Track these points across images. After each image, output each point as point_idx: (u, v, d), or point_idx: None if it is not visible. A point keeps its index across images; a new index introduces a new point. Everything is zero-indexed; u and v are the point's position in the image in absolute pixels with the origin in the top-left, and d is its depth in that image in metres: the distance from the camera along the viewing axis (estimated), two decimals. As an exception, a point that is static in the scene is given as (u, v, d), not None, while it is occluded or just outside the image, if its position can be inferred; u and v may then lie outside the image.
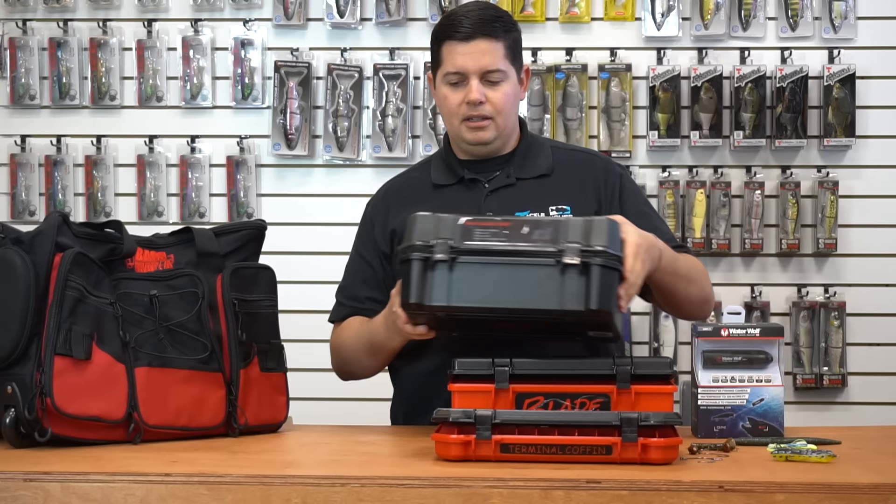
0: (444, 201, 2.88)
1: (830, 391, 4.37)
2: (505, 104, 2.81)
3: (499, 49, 2.80)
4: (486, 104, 2.80)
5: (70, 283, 2.38)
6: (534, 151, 2.92)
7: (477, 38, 2.78)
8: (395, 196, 2.95)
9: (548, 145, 2.97)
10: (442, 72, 2.83)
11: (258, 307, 2.64)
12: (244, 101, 4.45)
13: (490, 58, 2.79)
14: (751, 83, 4.33)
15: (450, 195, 2.89)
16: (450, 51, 2.80)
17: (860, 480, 2.06)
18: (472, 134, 2.83)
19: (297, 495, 2.06)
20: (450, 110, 2.83)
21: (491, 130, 2.82)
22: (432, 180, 2.92)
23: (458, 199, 2.88)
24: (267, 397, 2.44)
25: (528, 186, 2.87)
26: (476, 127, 2.82)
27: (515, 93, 2.85)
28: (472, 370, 2.45)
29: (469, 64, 2.79)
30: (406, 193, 2.94)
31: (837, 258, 4.38)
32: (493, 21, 2.80)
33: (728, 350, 2.54)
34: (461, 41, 2.79)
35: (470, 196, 2.87)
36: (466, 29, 2.78)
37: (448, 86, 2.82)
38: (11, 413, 2.33)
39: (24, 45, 4.45)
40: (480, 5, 2.88)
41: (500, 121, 2.82)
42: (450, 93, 2.82)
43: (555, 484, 2.04)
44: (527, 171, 2.88)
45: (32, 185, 4.46)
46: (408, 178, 3.00)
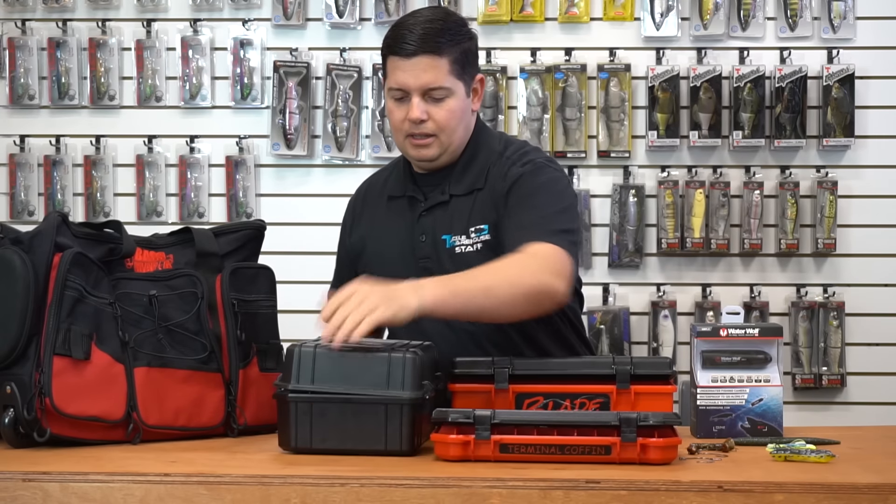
0: (392, 216, 2.81)
1: (829, 391, 4.38)
2: (449, 121, 2.70)
3: (442, 65, 2.68)
4: (429, 122, 2.69)
5: (69, 283, 2.38)
6: (474, 162, 2.78)
7: (418, 54, 2.67)
8: (362, 203, 2.90)
9: (496, 151, 2.78)
10: (387, 86, 2.74)
11: (257, 307, 2.64)
12: (243, 101, 4.45)
13: (432, 75, 2.68)
14: (750, 83, 4.33)
15: (396, 209, 2.82)
16: (393, 66, 2.71)
17: (859, 480, 2.06)
18: (416, 151, 2.74)
19: (297, 495, 2.06)
20: (394, 125, 2.74)
21: (434, 148, 2.72)
22: (388, 190, 2.85)
23: (400, 216, 2.80)
24: (266, 397, 2.44)
25: (458, 203, 2.75)
26: (419, 144, 2.72)
27: (462, 107, 2.72)
28: (471, 370, 2.45)
29: (410, 81, 2.68)
30: (369, 201, 2.89)
31: (836, 258, 4.38)
32: (436, 36, 2.68)
33: (727, 350, 2.54)
34: (403, 57, 2.68)
35: (409, 213, 2.79)
36: (409, 45, 2.67)
37: (393, 101, 2.72)
38: (10, 413, 2.33)
39: (23, 45, 4.45)
40: (429, 15, 2.76)
41: (444, 138, 2.71)
42: (394, 108, 2.72)
43: (554, 484, 2.04)
44: (462, 185, 2.76)
45: (31, 185, 4.46)
46: (375, 180, 2.94)
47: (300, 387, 2.28)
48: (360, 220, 2.88)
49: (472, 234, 2.72)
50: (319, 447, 2.27)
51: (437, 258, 2.72)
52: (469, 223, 2.72)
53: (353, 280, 2.46)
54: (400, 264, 2.72)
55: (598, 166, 4.40)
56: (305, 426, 2.27)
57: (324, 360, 2.30)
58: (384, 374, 2.28)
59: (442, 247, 2.72)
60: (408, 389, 2.28)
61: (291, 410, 2.28)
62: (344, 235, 2.93)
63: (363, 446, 2.26)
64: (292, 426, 2.28)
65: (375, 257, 2.81)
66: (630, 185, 4.37)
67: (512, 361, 2.47)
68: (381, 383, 2.28)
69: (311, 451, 2.27)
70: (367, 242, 2.84)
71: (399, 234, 2.78)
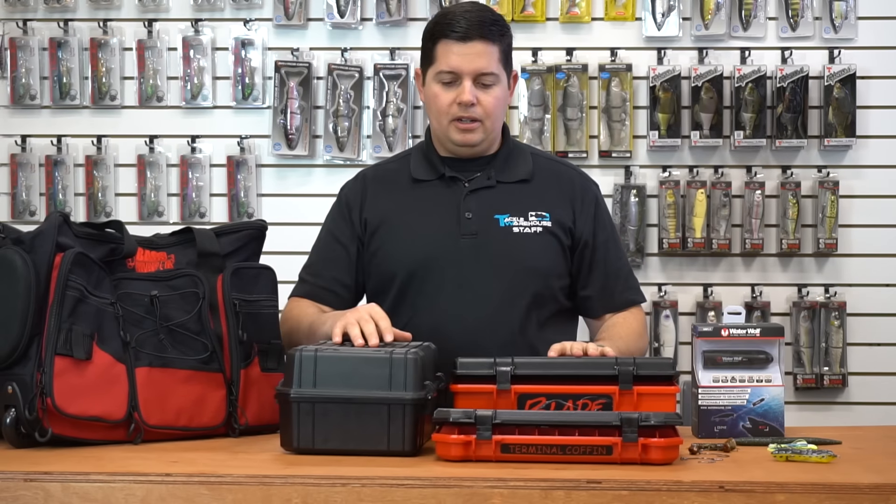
0: (423, 196, 2.89)
1: (831, 391, 4.37)
2: (495, 108, 2.83)
3: (494, 52, 2.81)
4: (477, 106, 2.80)
5: (70, 283, 2.38)
6: (515, 156, 2.94)
7: (474, 39, 2.78)
8: (373, 183, 2.96)
9: (528, 151, 2.99)
10: (434, 70, 2.82)
11: (259, 307, 2.64)
12: (244, 101, 4.45)
13: (485, 60, 2.79)
14: (751, 83, 4.33)
15: (428, 191, 2.90)
16: (445, 49, 2.80)
17: (860, 480, 2.06)
18: (461, 135, 2.83)
19: (298, 495, 2.06)
20: (439, 109, 2.84)
21: (479, 133, 2.84)
22: (412, 174, 2.92)
23: (436, 196, 2.89)
24: (267, 397, 2.44)
25: (508, 190, 2.89)
26: (465, 129, 2.82)
27: (505, 97, 2.86)
28: (473, 371, 2.45)
29: (464, 65, 2.79)
30: (384, 183, 2.96)
31: (838, 258, 4.38)
32: (490, 24, 2.81)
33: (728, 350, 2.54)
34: (458, 41, 2.79)
35: (449, 194, 2.88)
36: (464, 29, 2.78)
37: (440, 84, 2.82)
38: (12, 413, 2.33)
39: (24, 45, 4.45)
40: (478, 6, 2.88)
41: (489, 124, 2.83)
42: (441, 91, 2.82)
43: (555, 484, 2.04)
44: (508, 174, 2.90)
45: (33, 185, 4.46)
46: (385, 168, 3.01)
47: (302, 391, 2.29)
48: (376, 198, 2.94)
49: (531, 217, 2.86)
50: (321, 448, 2.27)
51: (486, 234, 2.84)
52: (527, 208, 2.86)
53: (342, 256, 2.86)
54: (440, 238, 2.85)
55: (600, 166, 4.40)
56: (307, 427, 2.28)
57: (325, 363, 2.30)
58: (386, 374, 2.28)
59: (494, 224, 2.85)
60: (410, 390, 2.28)
61: (293, 411, 2.28)
62: (344, 215, 2.96)
63: (365, 447, 2.26)
64: (294, 427, 2.28)
65: (403, 232, 2.88)
66: (631, 185, 4.37)
67: (514, 361, 2.47)
68: (383, 384, 2.28)
69: (313, 451, 2.27)
70: (391, 219, 2.90)
71: (437, 211, 2.87)
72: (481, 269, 2.83)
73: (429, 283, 2.84)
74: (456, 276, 2.83)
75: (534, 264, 2.84)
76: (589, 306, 2.94)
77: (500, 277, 2.83)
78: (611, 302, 2.93)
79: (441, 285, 2.83)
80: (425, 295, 2.84)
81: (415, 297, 2.84)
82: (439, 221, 2.86)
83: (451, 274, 2.83)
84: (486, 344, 2.69)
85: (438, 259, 2.84)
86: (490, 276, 2.83)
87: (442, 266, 2.84)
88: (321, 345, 2.39)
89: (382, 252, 2.89)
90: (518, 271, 2.83)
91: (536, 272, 2.84)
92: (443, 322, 2.78)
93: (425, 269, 2.84)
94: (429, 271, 2.84)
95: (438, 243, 2.85)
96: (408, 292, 2.84)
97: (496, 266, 2.83)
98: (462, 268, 2.83)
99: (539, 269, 2.85)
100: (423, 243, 2.85)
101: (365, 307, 2.56)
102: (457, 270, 2.83)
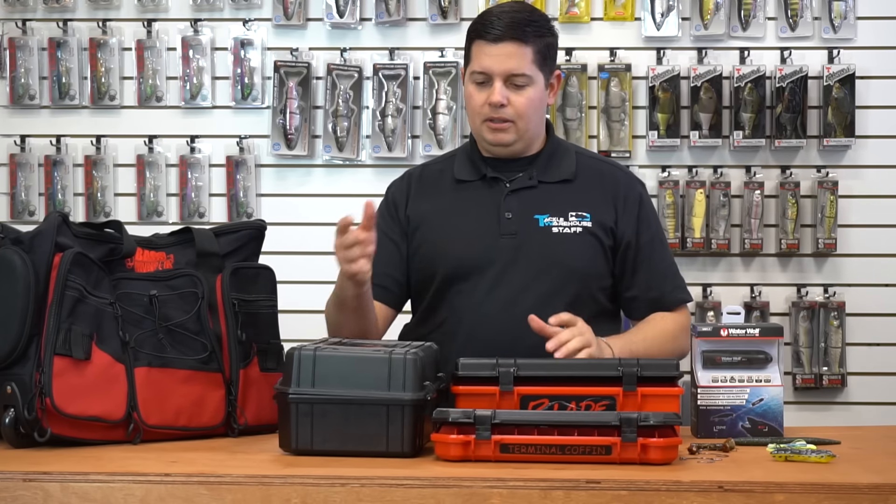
0: (465, 197, 2.90)
1: (830, 391, 4.37)
2: (527, 109, 2.83)
3: (527, 53, 2.81)
4: (508, 107, 2.81)
5: (70, 283, 2.38)
6: (558, 156, 2.94)
7: (505, 40, 2.79)
8: (418, 183, 2.99)
9: (573, 151, 2.99)
10: (469, 69, 2.86)
11: (258, 307, 2.64)
12: (244, 101, 4.45)
13: (516, 61, 2.80)
14: (750, 83, 4.33)
15: (470, 191, 2.92)
16: (478, 50, 2.83)
17: (860, 480, 2.06)
18: (492, 135, 2.85)
19: (297, 495, 2.06)
20: (473, 109, 2.86)
21: (511, 133, 2.85)
22: (455, 175, 2.94)
23: (478, 196, 2.91)
24: (267, 397, 2.44)
25: (550, 190, 2.89)
26: (497, 129, 2.84)
27: (541, 98, 2.86)
28: (475, 372, 2.44)
29: (494, 66, 2.80)
30: (428, 183, 2.98)
31: (837, 258, 4.38)
32: (524, 24, 2.81)
33: (727, 350, 2.54)
34: (490, 42, 2.80)
35: (490, 194, 2.90)
36: (497, 31, 2.79)
37: (474, 84, 2.84)
38: (11, 413, 2.33)
39: (23, 45, 4.45)
40: (517, 6, 2.89)
41: (521, 125, 2.84)
42: (475, 91, 2.84)
43: (554, 484, 2.04)
44: (550, 174, 2.91)
45: (32, 185, 4.46)
46: (430, 168, 3.04)
47: (301, 391, 2.28)
48: (419, 197, 2.95)
49: (571, 217, 2.86)
50: (320, 448, 2.27)
51: (525, 234, 2.85)
52: (568, 208, 2.86)
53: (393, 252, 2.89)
54: (479, 238, 2.86)
55: (599, 166, 4.40)
56: (306, 427, 2.27)
57: (324, 362, 2.30)
58: (385, 375, 2.28)
59: (534, 225, 2.86)
60: (409, 390, 2.28)
61: (292, 412, 2.28)
62: (392, 213, 2.97)
63: (364, 447, 2.26)
64: (293, 427, 2.28)
65: (443, 231, 2.90)
66: (630, 185, 4.37)
67: (517, 362, 2.46)
68: (383, 384, 2.28)
69: (311, 452, 2.27)
70: (432, 219, 2.92)
71: (478, 211, 2.89)
72: (520, 269, 2.83)
73: (467, 282, 2.85)
74: (494, 276, 2.84)
75: (573, 265, 2.84)
76: (633, 307, 2.93)
77: (538, 277, 2.83)
78: (655, 303, 2.91)
79: (479, 285, 2.84)
80: (464, 294, 2.85)
81: (453, 296, 2.85)
82: (479, 221, 2.87)
83: (490, 273, 2.84)
84: (523, 344, 2.66)
85: (477, 258, 2.85)
86: (529, 276, 2.83)
87: (480, 265, 2.85)
88: (320, 344, 2.39)
89: (423, 251, 2.91)
90: (557, 272, 2.83)
91: (575, 273, 2.84)
92: (480, 321, 2.79)
93: (464, 269, 2.85)
94: (467, 271, 2.85)
95: (478, 243, 2.86)
96: (446, 291, 2.86)
97: (535, 266, 2.83)
98: (500, 267, 2.84)
99: (578, 270, 2.85)
100: (462, 243, 2.86)
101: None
102: (495, 270, 2.84)
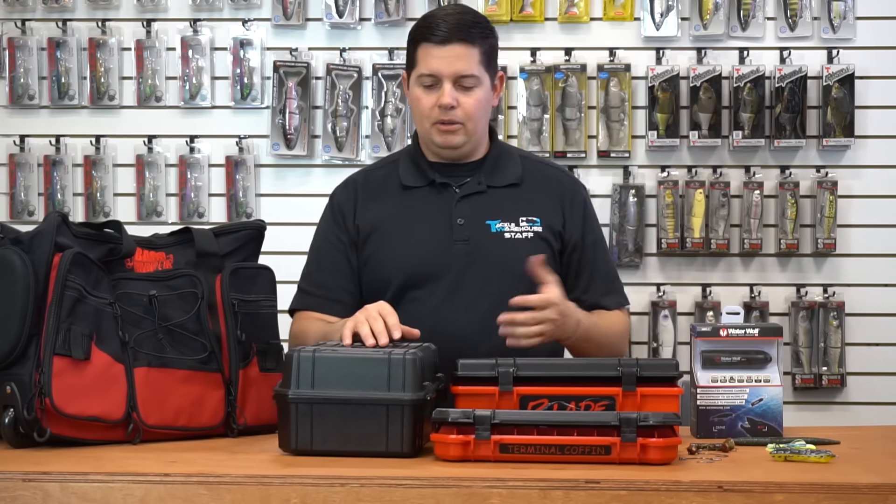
0: (414, 203, 2.89)
1: (829, 391, 4.37)
2: (476, 110, 2.83)
3: (474, 55, 2.81)
4: (458, 109, 2.82)
5: (69, 283, 2.38)
6: (504, 159, 2.95)
7: (453, 42, 2.79)
8: (364, 190, 2.96)
9: (516, 154, 3.00)
10: (416, 73, 2.84)
11: (257, 307, 2.64)
12: (243, 101, 4.45)
13: (465, 63, 2.80)
14: (750, 83, 4.33)
15: (419, 197, 2.91)
16: (425, 53, 2.82)
17: (859, 480, 2.06)
18: (442, 137, 2.85)
19: (297, 495, 2.06)
20: (421, 112, 2.85)
21: (461, 135, 2.85)
22: (401, 180, 2.93)
23: (427, 203, 2.90)
24: (266, 398, 2.45)
25: (499, 195, 2.90)
26: (446, 130, 2.84)
27: (487, 99, 2.86)
28: (475, 372, 2.45)
29: (443, 68, 2.80)
30: (373, 190, 2.96)
31: (836, 258, 4.38)
32: (470, 26, 2.82)
33: (727, 350, 2.54)
34: (437, 44, 2.80)
35: (440, 200, 2.89)
36: (443, 32, 2.79)
37: (421, 87, 2.83)
38: (10, 413, 2.33)
39: (22, 45, 4.45)
40: (459, 9, 2.91)
41: (471, 126, 2.84)
42: (422, 95, 2.83)
43: (554, 484, 2.04)
44: (497, 178, 2.92)
45: (31, 185, 4.46)
46: (374, 174, 3.01)
47: (301, 392, 2.28)
48: (367, 205, 2.93)
49: (522, 222, 2.88)
50: (320, 449, 2.27)
51: (478, 240, 2.86)
52: (518, 213, 2.88)
53: (343, 263, 2.85)
54: (433, 245, 2.86)
55: (598, 166, 4.40)
56: (306, 428, 2.27)
57: (323, 364, 2.30)
58: (384, 375, 2.28)
59: (485, 231, 2.87)
60: (409, 391, 2.28)
61: (292, 412, 2.28)
62: (339, 221, 2.95)
63: (364, 448, 2.26)
64: (292, 428, 2.28)
65: (395, 240, 2.89)
66: (630, 185, 4.37)
67: (516, 363, 2.46)
68: (382, 385, 2.28)
69: (311, 452, 2.27)
70: (382, 227, 2.90)
71: (428, 217, 2.88)
72: (474, 275, 2.85)
73: (422, 289, 2.85)
74: (450, 283, 2.85)
75: (525, 270, 2.83)
76: None
77: (493, 283, 2.83)
78: (598, 304, 2.93)
79: (434, 292, 2.85)
80: (419, 301, 2.84)
81: (408, 303, 2.83)
82: (432, 228, 2.87)
83: (446, 280, 2.85)
84: (478, 349, 2.68)
85: (432, 265, 2.85)
86: (482, 281, 2.84)
87: (436, 272, 2.85)
88: (320, 345, 2.39)
89: (375, 259, 2.90)
90: (510, 277, 2.82)
91: (528, 278, 2.82)
92: (436, 328, 2.75)
93: (419, 276, 2.85)
94: (422, 278, 2.85)
95: (432, 250, 2.86)
96: (402, 299, 2.84)
97: (488, 272, 2.84)
98: (455, 274, 2.85)
99: (530, 275, 2.84)
100: (416, 250, 2.86)
101: (374, 305, 2.56)
102: (450, 276, 2.85)
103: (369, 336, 2.45)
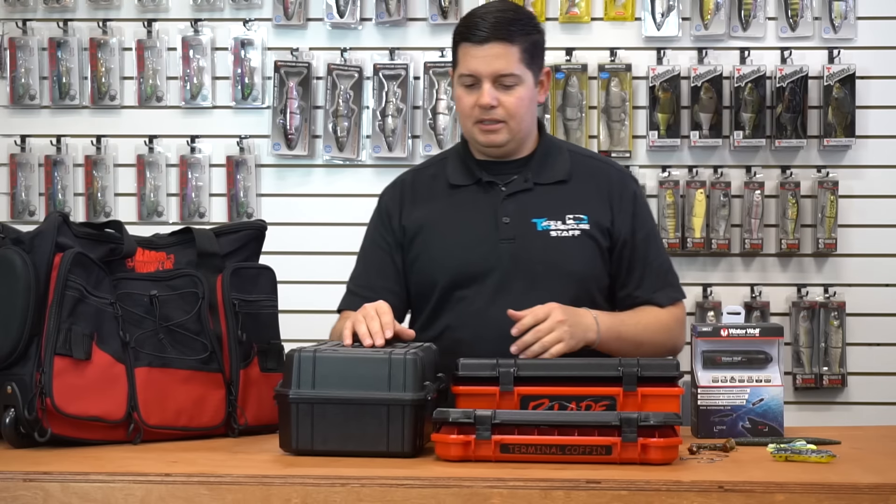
0: (461, 202, 2.89)
1: (830, 391, 4.37)
2: (518, 108, 2.82)
3: (513, 53, 2.79)
4: (499, 108, 2.80)
5: (70, 283, 2.38)
6: (552, 156, 2.92)
7: (491, 41, 2.78)
8: (411, 190, 2.96)
9: (566, 149, 2.98)
10: (458, 73, 2.85)
11: (258, 307, 2.64)
12: (244, 101, 4.45)
13: (503, 62, 2.79)
14: (751, 83, 4.33)
15: (466, 196, 2.90)
16: (465, 53, 2.81)
17: (860, 480, 2.06)
18: (484, 136, 2.84)
19: (297, 495, 2.06)
20: (463, 112, 2.85)
21: (503, 134, 2.83)
22: (449, 179, 2.93)
23: (474, 201, 2.89)
24: (267, 397, 2.45)
25: (546, 192, 2.88)
26: (488, 130, 2.83)
27: (530, 96, 2.84)
28: (475, 372, 2.45)
29: (482, 67, 2.79)
30: (421, 190, 2.95)
31: (837, 258, 4.38)
32: (509, 24, 2.80)
33: (728, 350, 2.54)
34: (476, 44, 2.79)
35: (486, 199, 2.88)
36: (482, 32, 2.78)
37: (463, 87, 2.83)
38: (11, 413, 2.33)
39: (23, 45, 4.45)
40: (500, 6, 2.88)
41: (513, 125, 2.83)
42: (464, 94, 2.83)
43: (555, 484, 2.04)
44: (544, 176, 2.90)
45: (32, 185, 4.46)
46: (422, 174, 3.01)
47: (301, 392, 2.28)
48: (413, 205, 2.93)
49: (568, 220, 2.85)
50: (321, 449, 2.27)
51: (524, 239, 2.84)
52: (565, 210, 2.85)
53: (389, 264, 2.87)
54: (478, 244, 2.84)
55: (599, 166, 4.39)
56: (306, 428, 2.27)
57: (324, 364, 2.30)
58: (385, 375, 2.28)
59: (531, 229, 2.85)
60: (409, 391, 2.28)
61: (292, 412, 2.28)
62: (385, 223, 2.95)
63: (365, 448, 2.26)
64: (293, 428, 2.28)
65: (441, 239, 2.88)
66: (631, 185, 4.37)
67: (517, 362, 2.46)
68: (383, 385, 2.28)
69: (312, 452, 2.27)
70: (429, 227, 2.90)
71: (474, 216, 2.87)
72: (519, 274, 2.83)
73: (469, 288, 2.84)
74: (496, 282, 2.83)
75: (571, 269, 2.83)
76: (628, 306, 2.91)
77: (539, 282, 2.82)
78: (651, 301, 2.90)
79: (481, 291, 2.83)
80: (466, 300, 2.84)
81: (455, 303, 2.84)
82: (477, 227, 2.86)
83: (491, 280, 2.83)
84: None
85: (478, 265, 2.84)
86: (528, 281, 2.82)
87: (481, 272, 2.84)
88: (320, 345, 2.39)
89: (422, 259, 2.89)
90: (556, 276, 2.82)
91: (574, 276, 2.83)
92: (482, 327, 2.77)
93: (465, 276, 2.84)
94: (468, 277, 2.84)
95: (477, 249, 2.84)
96: (448, 298, 2.84)
97: (534, 271, 2.82)
98: (500, 273, 2.83)
99: (577, 273, 2.84)
100: (462, 249, 2.85)
101: (371, 304, 2.55)
102: (495, 276, 2.83)
103: (366, 336, 2.45)
